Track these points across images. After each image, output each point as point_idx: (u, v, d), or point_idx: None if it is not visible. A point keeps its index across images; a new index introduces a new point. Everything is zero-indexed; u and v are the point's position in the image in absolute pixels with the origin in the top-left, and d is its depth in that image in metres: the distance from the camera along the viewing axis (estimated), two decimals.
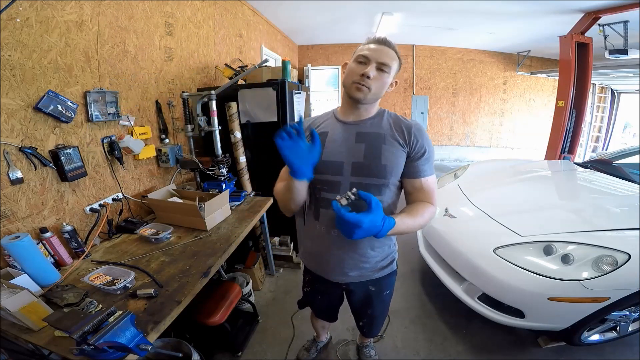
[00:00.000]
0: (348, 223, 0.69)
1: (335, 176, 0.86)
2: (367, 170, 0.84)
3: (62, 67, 1.20)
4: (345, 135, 0.87)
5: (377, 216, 0.71)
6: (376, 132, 0.86)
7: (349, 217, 0.68)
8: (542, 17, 3.35)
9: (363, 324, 1.22)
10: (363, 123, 0.88)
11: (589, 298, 1.28)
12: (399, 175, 0.87)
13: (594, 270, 1.28)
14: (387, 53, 0.81)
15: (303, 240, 1.03)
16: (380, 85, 0.82)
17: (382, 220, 0.72)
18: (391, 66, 0.82)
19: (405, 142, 0.85)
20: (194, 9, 2.07)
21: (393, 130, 0.86)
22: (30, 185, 1.12)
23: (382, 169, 0.83)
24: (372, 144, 0.85)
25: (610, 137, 5.81)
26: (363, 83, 0.80)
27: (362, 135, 0.86)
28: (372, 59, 0.80)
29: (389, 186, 0.86)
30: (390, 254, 1.00)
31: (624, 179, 1.99)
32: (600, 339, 1.56)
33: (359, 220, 0.68)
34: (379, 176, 0.84)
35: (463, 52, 5.54)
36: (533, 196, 1.95)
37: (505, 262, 1.41)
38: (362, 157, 0.84)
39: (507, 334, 1.67)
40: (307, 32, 4.59)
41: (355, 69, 0.82)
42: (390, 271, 1.03)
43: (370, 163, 0.84)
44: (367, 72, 0.79)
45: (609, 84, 5.37)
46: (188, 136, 1.85)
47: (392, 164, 0.84)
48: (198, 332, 1.49)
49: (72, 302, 0.91)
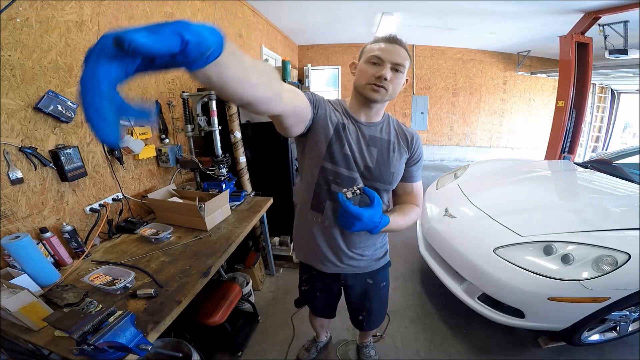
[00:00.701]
0: (350, 215, 0.72)
1: (349, 171, 0.86)
2: (376, 176, 0.87)
3: (62, 67, 1.20)
4: (360, 136, 0.88)
5: (377, 213, 0.75)
6: (387, 139, 0.89)
7: (352, 209, 0.71)
8: (542, 17, 3.35)
9: (363, 318, 1.21)
10: (375, 127, 0.89)
11: (589, 298, 1.28)
12: (399, 181, 0.92)
13: (594, 270, 1.28)
14: (399, 52, 0.80)
15: (302, 235, 1.01)
16: (397, 85, 0.82)
17: (379, 217, 0.77)
18: (405, 66, 0.81)
19: (407, 150, 0.91)
20: (194, 9, 2.07)
21: (399, 138, 0.91)
22: (30, 185, 1.11)
23: (389, 176, 0.88)
24: (383, 151, 0.88)
25: (610, 137, 5.81)
26: (380, 84, 0.79)
27: (375, 140, 0.88)
28: (387, 60, 0.79)
29: (389, 190, 0.92)
30: (384, 244, 1.06)
31: (624, 179, 1.99)
32: (600, 339, 1.56)
33: (359, 213, 0.72)
34: (385, 182, 0.89)
35: (463, 52, 5.54)
36: (533, 196, 1.95)
37: (505, 262, 1.41)
38: (373, 162, 0.87)
39: (507, 334, 1.67)
40: (307, 32, 4.59)
41: (369, 70, 0.80)
42: (384, 262, 1.07)
43: (380, 169, 0.87)
44: (384, 74, 0.78)
45: (609, 84, 5.37)
46: (188, 136, 1.85)
47: (398, 171, 0.90)
48: (198, 332, 1.49)
49: (72, 302, 0.91)
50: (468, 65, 5.65)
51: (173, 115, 1.88)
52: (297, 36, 4.89)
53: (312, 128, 0.82)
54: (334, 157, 0.83)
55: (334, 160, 0.84)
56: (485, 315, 1.50)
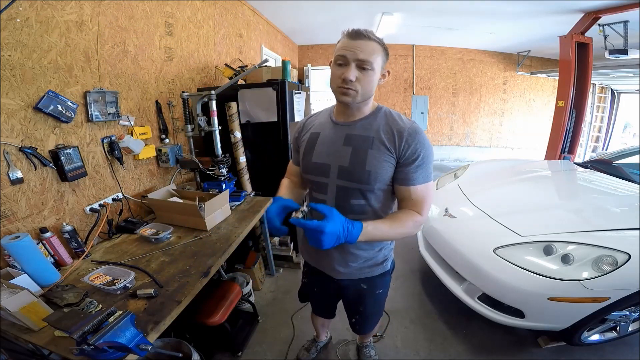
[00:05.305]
0: (311, 230, 0.69)
1: (322, 178, 0.88)
2: (351, 175, 0.83)
3: (62, 67, 1.20)
4: (335, 138, 0.86)
5: (336, 221, 0.70)
6: (364, 136, 0.82)
7: (309, 224, 0.69)
8: (542, 17, 3.35)
9: (355, 321, 1.21)
10: (354, 124, 0.85)
11: (589, 298, 1.28)
12: (385, 181, 0.83)
13: (594, 270, 1.28)
14: (364, 48, 0.73)
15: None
16: (367, 84, 0.77)
17: (346, 225, 0.72)
18: (372, 61, 0.74)
19: (393, 147, 0.80)
20: (194, 9, 2.07)
21: (383, 133, 0.81)
22: (30, 185, 1.12)
23: (365, 175, 0.81)
24: (359, 149, 0.82)
25: (610, 137, 5.81)
26: (347, 87, 0.76)
27: (350, 138, 0.84)
28: (350, 59, 0.74)
29: (374, 191, 0.84)
30: (381, 253, 0.98)
31: (624, 179, 1.99)
32: (600, 339, 1.55)
33: (319, 225, 0.68)
34: (362, 182, 0.82)
35: (463, 52, 5.54)
36: (533, 196, 1.95)
37: (505, 262, 1.41)
38: (347, 162, 0.83)
39: (507, 334, 1.67)
40: (307, 32, 4.59)
41: (336, 72, 0.77)
42: (382, 270, 1.02)
43: (354, 168, 0.82)
44: (347, 76, 0.74)
45: (609, 84, 5.37)
46: (188, 136, 1.85)
47: (377, 170, 0.80)
48: (198, 332, 1.49)
49: (72, 302, 0.91)
50: (468, 65, 5.65)
51: (173, 115, 1.88)
52: (297, 36, 4.89)
53: None
54: (307, 167, 0.92)
55: (307, 170, 0.92)
56: (485, 315, 1.50)
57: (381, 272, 1.02)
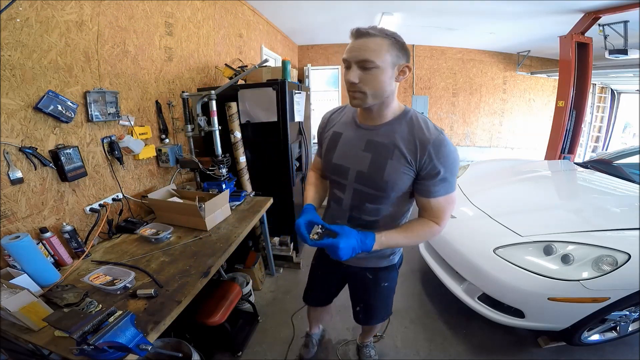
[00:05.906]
0: (328, 247, 0.77)
1: (341, 179, 0.91)
2: (368, 182, 0.85)
3: (62, 67, 1.20)
4: (356, 141, 0.86)
5: (350, 237, 0.77)
6: (385, 144, 0.81)
7: (326, 242, 0.77)
8: (542, 17, 3.34)
9: (359, 309, 1.21)
10: (376, 130, 0.83)
11: (589, 298, 1.28)
12: (402, 190, 0.84)
13: (594, 270, 1.28)
14: (365, 47, 0.70)
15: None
16: (373, 84, 0.73)
17: (354, 238, 0.77)
18: (376, 60, 0.70)
19: (414, 159, 0.78)
20: (194, 9, 2.07)
21: (405, 142, 0.78)
22: (30, 185, 1.11)
23: (383, 184, 0.82)
24: (378, 157, 0.81)
25: (610, 137, 5.80)
26: (353, 90, 0.75)
27: (371, 145, 0.83)
28: (352, 60, 0.72)
29: (389, 197, 0.86)
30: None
31: (624, 179, 1.99)
32: (600, 339, 1.56)
33: (334, 242, 0.75)
34: (379, 190, 0.84)
35: (463, 52, 5.54)
36: (533, 196, 1.95)
37: (505, 262, 1.41)
38: (366, 167, 0.84)
39: (507, 334, 1.67)
40: (307, 32, 4.59)
41: (345, 76, 0.76)
42: (388, 263, 1.05)
43: (372, 176, 0.83)
44: (349, 79, 0.73)
45: (609, 84, 5.37)
46: (188, 136, 1.85)
47: (395, 180, 0.81)
48: (198, 332, 1.49)
49: (72, 302, 0.91)
50: (468, 65, 5.64)
51: (173, 115, 1.88)
52: (297, 36, 4.89)
53: None
54: (328, 166, 0.95)
55: (328, 169, 0.96)
56: (485, 315, 1.50)
57: (387, 264, 1.05)
